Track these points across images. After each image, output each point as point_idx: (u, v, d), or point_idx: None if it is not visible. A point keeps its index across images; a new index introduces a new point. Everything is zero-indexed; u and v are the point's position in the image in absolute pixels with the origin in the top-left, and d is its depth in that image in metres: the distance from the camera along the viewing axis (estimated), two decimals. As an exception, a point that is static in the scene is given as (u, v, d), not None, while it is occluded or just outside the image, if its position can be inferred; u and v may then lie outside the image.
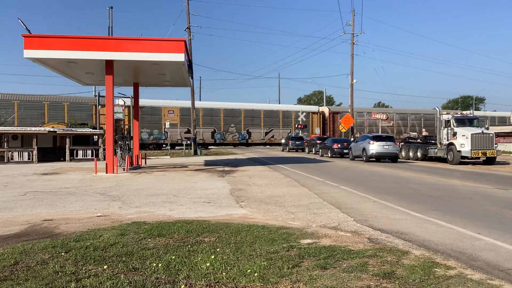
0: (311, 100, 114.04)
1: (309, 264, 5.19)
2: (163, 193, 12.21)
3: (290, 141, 44.80)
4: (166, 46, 17.52)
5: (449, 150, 25.39)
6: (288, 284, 4.50)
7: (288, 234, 6.79)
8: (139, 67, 19.54)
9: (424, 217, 8.51)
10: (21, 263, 5.17)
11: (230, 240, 6.33)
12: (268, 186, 13.86)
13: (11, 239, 6.65)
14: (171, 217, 8.47)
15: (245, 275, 4.70)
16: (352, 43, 45.34)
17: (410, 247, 6.15)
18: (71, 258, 5.36)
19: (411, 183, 14.75)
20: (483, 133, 24.53)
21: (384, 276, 4.77)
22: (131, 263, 5.14)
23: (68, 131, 30.93)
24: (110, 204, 10.22)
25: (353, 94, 46.34)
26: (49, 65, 18.64)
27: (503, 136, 41.77)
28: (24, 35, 16.53)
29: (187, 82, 24.21)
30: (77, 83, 24.05)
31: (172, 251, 5.68)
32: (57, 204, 10.32)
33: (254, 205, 10.11)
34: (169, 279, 4.60)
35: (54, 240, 6.29)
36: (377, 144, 26.22)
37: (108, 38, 18.56)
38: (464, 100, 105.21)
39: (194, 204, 10.25)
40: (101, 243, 6.08)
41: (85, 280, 4.52)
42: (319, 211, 9.20)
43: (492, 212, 9.17)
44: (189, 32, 39.40)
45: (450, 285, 4.54)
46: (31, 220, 8.23)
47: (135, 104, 25.54)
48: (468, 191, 12.73)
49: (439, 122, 27.13)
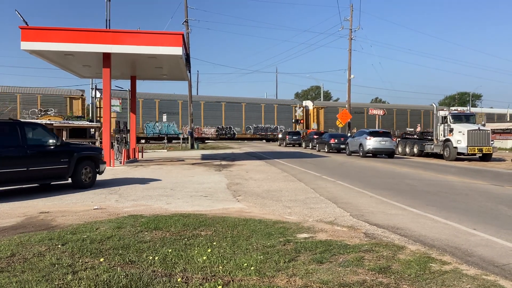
0: (309, 95, 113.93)
1: (305, 258, 5.21)
2: (159, 186, 12.21)
3: (287, 135, 44.83)
4: (164, 39, 17.46)
5: (445, 146, 25.45)
6: (284, 278, 4.52)
7: (285, 228, 6.81)
8: (137, 60, 19.48)
9: (420, 213, 8.54)
10: (17, 255, 5.17)
11: (227, 234, 6.34)
12: (265, 181, 13.88)
13: (7, 231, 6.64)
14: (168, 210, 8.48)
15: (241, 269, 4.72)
16: (350, 38, 45.28)
17: (406, 242, 6.18)
18: (67, 250, 5.37)
19: (408, 179, 14.79)
20: (480, 129, 24.59)
21: (379, 270, 4.79)
22: (128, 256, 5.14)
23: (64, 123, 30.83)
24: (107, 197, 10.22)
25: (350, 90, 46.30)
26: (46, 58, 18.56)
27: (499, 133, 41.89)
28: (21, 27, 16.43)
29: (184, 76, 24.15)
30: (74, 75, 23.97)
31: (169, 244, 5.69)
32: (54, 196, 10.31)
33: (251, 199, 10.12)
34: (166, 272, 4.61)
35: (51, 233, 6.29)
36: (374, 140, 26.26)
37: (105, 31, 18.46)
38: (461, 96, 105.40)
39: (191, 197, 10.26)
40: (97, 236, 6.08)
41: (82, 273, 4.52)
42: (315, 206, 9.22)
43: (488, 208, 9.22)
44: (187, 25, 39.26)
45: (445, 280, 4.57)
46: (27, 212, 8.22)
47: (132, 97, 25.47)
48: (464, 187, 12.79)
49: (436, 118, 27.18)
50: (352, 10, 45.42)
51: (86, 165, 12.14)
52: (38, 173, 10.89)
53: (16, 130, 10.57)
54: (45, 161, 11.11)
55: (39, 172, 10.91)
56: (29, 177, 10.71)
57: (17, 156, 10.34)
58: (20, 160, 10.40)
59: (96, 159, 12.63)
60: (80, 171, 11.95)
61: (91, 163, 12.39)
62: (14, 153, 10.29)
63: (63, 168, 11.56)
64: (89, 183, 12.23)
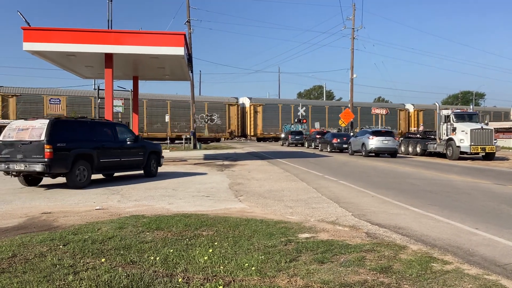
0: (311, 94, 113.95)
1: (307, 258, 5.20)
2: (161, 186, 12.23)
3: (290, 135, 44.80)
4: (166, 39, 17.46)
5: (448, 146, 25.39)
6: (285, 278, 4.52)
7: (286, 228, 6.80)
8: (139, 60, 19.47)
9: (422, 212, 8.52)
10: (19, 255, 5.18)
11: (228, 234, 6.34)
12: (267, 181, 13.87)
13: (9, 231, 6.66)
14: (169, 210, 8.49)
15: (242, 269, 4.71)
16: (353, 38, 45.22)
17: (408, 242, 6.17)
18: (69, 251, 5.38)
19: (410, 178, 14.77)
20: (483, 128, 24.51)
21: (381, 270, 4.78)
22: (129, 256, 5.15)
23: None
24: (109, 197, 10.24)
25: (353, 89, 46.25)
26: (48, 58, 18.57)
27: (502, 132, 41.75)
28: (24, 27, 16.45)
29: (186, 76, 24.14)
30: (76, 76, 24.00)
31: (170, 245, 5.69)
32: (56, 197, 10.34)
33: (253, 199, 10.12)
34: (167, 272, 4.61)
35: (53, 233, 6.30)
36: (376, 139, 26.22)
37: (107, 31, 18.47)
38: (464, 95, 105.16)
39: (193, 198, 10.26)
40: (99, 236, 6.09)
41: (83, 273, 4.53)
42: (317, 206, 9.21)
43: (490, 207, 9.19)
44: (189, 25, 39.28)
45: (446, 280, 4.55)
46: (29, 213, 8.24)
47: (134, 98, 25.48)
48: (467, 186, 12.75)
49: (439, 117, 27.11)
50: (355, 9, 45.37)
51: (153, 158, 15.20)
52: (125, 163, 14.09)
53: (112, 129, 13.84)
54: (129, 154, 14.20)
55: (126, 162, 14.10)
56: (120, 165, 13.95)
57: (114, 149, 13.54)
58: (116, 152, 13.65)
59: (159, 153, 15.74)
60: (150, 163, 15.02)
61: (156, 157, 15.44)
62: (112, 146, 13.50)
63: (140, 160, 14.67)
64: (154, 173, 15.26)
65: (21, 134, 11.68)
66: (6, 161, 11.64)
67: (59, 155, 11.43)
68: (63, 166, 11.62)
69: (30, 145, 11.40)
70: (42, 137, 11.29)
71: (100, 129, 13.41)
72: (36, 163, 11.26)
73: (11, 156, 11.62)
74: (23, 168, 11.48)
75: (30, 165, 11.34)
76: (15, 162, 11.52)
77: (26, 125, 11.84)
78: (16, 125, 12.22)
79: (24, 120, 12.46)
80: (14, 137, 11.74)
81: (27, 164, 11.37)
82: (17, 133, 11.77)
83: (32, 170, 11.43)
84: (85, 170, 12.21)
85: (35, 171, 11.43)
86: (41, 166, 11.20)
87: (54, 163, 11.35)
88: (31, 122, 11.87)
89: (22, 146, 11.46)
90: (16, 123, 12.42)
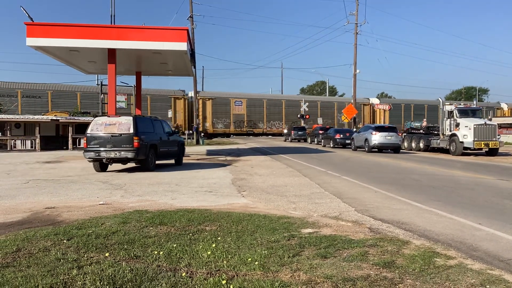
0: (314, 90, 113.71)
1: (310, 253, 5.21)
2: (165, 182, 12.25)
3: (293, 131, 44.77)
4: (168, 35, 17.45)
5: (451, 141, 25.33)
6: (289, 272, 4.53)
7: (289, 223, 6.81)
8: (142, 56, 19.49)
9: (425, 208, 8.51)
10: (23, 250, 5.21)
11: (231, 229, 6.35)
12: (270, 176, 13.88)
13: (13, 226, 6.69)
14: (173, 205, 8.50)
15: (245, 264, 4.73)
16: (356, 33, 45.09)
17: (411, 237, 6.16)
18: (73, 245, 5.40)
19: (413, 174, 14.74)
20: (486, 124, 24.44)
21: (384, 265, 4.79)
22: (133, 251, 5.17)
23: (70, 119, 30.95)
24: (112, 193, 10.26)
25: (356, 84, 46.12)
26: (51, 54, 18.61)
27: (506, 127, 41.62)
28: (27, 23, 16.47)
29: (189, 71, 24.15)
30: (79, 71, 24.03)
31: (174, 240, 5.70)
32: (60, 192, 10.37)
33: (256, 195, 10.13)
34: (170, 267, 4.63)
35: (56, 228, 6.33)
36: (379, 135, 26.16)
37: (110, 27, 18.48)
38: (468, 91, 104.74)
39: (196, 193, 10.28)
40: (103, 231, 6.11)
41: (87, 267, 4.55)
42: (320, 201, 9.21)
43: (493, 203, 9.17)
44: (191, 21, 39.24)
45: (449, 274, 4.55)
46: (33, 208, 8.28)
47: (137, 93, 25.51)
48: (470, 181, 12.73)
49: (442, 113, 27.04)
50: (358, 4, 45.28)
51: (182, 149, 18.34)
52: (170, 153, 17.11)
53: (162, 124, 17.05)
54: (171, 145, 17.15)
55: (171, 152, 17.19)
56: (168, 154, 16.97)
57: (166, 141, 16.73)
58: (167, 143, 16.77)
59: (183, 145, 18.95)
60: (180, 153, 18.00)
61: (183, 149, 18.62)
62: (165, 139, 16.61)
63: (176, 151, 17.66)
64: (181, 162, 18.32)
65: (109, 128, 14.26)
66: (97, 150, 14.14)
67: (141, 145, 14.34)
68: (143, 153, 14.52)
69: (120, 137, 14.14)
70: (131, 130, 14.15)
71: (157, 124, 16.49)
72: (127, 151, 14.07)
73: (101, 146, 14.13)
74: (113, 156, 14.11)
75: (121, 153, 14.07)
76: (105, 151, 14.09)
77: (112, 121, 14.47)
78: (102, 120, 14.67)
79: (108, 116, 15.24)
80: (103, 131, 14.22)
81: (117, 152, 14.05)
82: (105, 127, 14.27)
83: (124, 157, 14.16)
84: (153, 157, 15.34)
85: (127, 157, 14.19)
86: (132, 153, 14.09)
87: (139, 151, 14.26)
88: (117, 119, 14.62)
89: (112, 138, 14.12)
90: (102, 119, 14.92)
